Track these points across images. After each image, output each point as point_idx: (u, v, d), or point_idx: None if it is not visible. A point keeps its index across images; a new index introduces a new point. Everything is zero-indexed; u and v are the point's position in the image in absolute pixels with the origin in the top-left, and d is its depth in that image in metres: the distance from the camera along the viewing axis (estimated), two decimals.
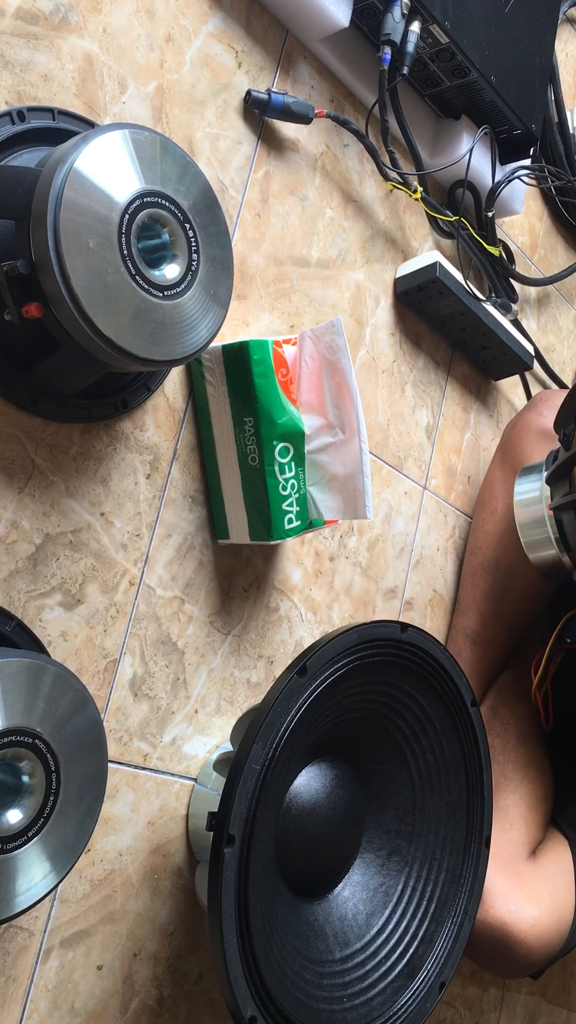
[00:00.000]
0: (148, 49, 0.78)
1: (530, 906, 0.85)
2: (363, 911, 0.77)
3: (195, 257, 0.65)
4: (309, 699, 0.67)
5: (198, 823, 0.79)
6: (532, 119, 1.03)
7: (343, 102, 0.95)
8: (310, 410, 0.81)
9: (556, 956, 0.89)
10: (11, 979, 0.70)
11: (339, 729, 0.76)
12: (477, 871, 0.81)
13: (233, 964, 0.61)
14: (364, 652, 0.72)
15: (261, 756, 0.63)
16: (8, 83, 0.69)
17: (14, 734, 0.56)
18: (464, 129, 1.02)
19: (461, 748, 0.81)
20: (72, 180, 0.58)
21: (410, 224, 1.03)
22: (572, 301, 1.33)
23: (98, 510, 0.75)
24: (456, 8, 0.91)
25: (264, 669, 0.88)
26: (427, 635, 0.77)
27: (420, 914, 0.78)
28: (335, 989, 0.72)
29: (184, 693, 0.81)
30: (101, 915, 0.74)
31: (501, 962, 0.85)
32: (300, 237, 0.91)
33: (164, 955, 0.79)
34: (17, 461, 0.70)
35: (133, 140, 0.61)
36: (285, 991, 0.65)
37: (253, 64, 0.86)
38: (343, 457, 0.79)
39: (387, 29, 0.88)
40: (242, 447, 0.79)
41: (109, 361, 0.63)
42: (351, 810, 0.78)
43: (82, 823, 0.60)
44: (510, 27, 0.98)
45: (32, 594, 0.70)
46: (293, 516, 0.80)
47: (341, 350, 0.78)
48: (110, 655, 0.75)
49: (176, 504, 0.80)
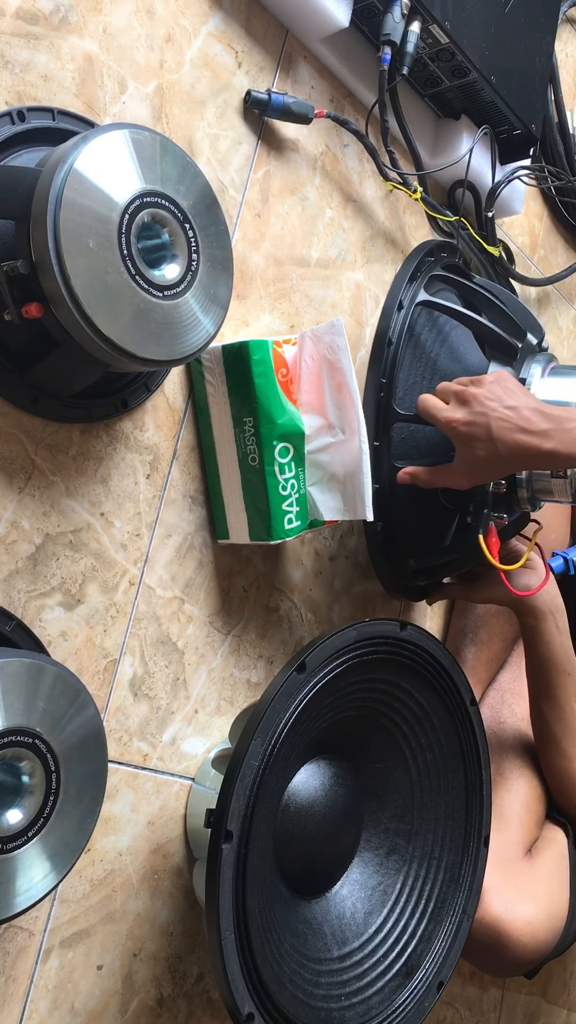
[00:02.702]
0: (148, 49, 0.78)
1: (525, 905, 0.85)
2: (361, 909, 0.77)
3: (195, 257, 0.65)
4: (308, 696, 0.67)
5: (196, 821, 0.79)
6: (532, 119, 1.03)
7: (343, 102, 0.95)
8: (310, 410, 0.81)
9: (551, 955, 0.89)
10: (11, 979, 0.70)
11: (338, 727, 0.76)
12: (476, 870, 0.81)
13: (231, 961, 0.61)
14: (363, 649, 0.72)
15: (260, 752, 0.63)
16: (8, 83, 0.69)
17: (14, 734, 0.56)
18: (464, 129, 1.02)
19: (460, 747, 0.81)
20: (72, 180, 0.58)
21: (410, 224, 1.03)
22: (572, 301, 1.34)
23: (98, 510, 0.75)
24: (456, 8, 0.91)
25: (264, 669, 0.88)
26: (426, 633, 0.77)
27: (419, 913, 0.78)
28: (333, 987, 0.72)
29: (184, 693, 0.81)
30: (101, 915, 0.75)
31: (496, 961, 0.85)
32: (300, 237, 0.91)
33: (164, 955, 0.79)
34: (17, 461, 0.70)
35: (133, 140, 0.61)
36: (283, 989, 0.65)
37: (253, 64, 0.86)
38: (343, 457, 0.79)
39: (387, 29, 0.88)
40: (242, 447, 0.79)
41: (109, 361, 0.63)
42: (350, 808, 0.79)
43: (82, 823, 0.60)
44: (510, 27, 0.98)
45: (32, 594, 0.71)
46: (293, 516, 0.80)
47: (341, 350, 0.78)
48: (110, 655, 0.75)
49: (176, 504, 0.80)
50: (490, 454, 0.76)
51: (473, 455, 0.77)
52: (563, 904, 0.90)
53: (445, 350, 0.87)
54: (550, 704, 0.92)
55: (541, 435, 0.74)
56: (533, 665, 0.92)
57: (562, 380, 0.83)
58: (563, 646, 0.91)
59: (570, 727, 0.92)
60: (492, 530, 0.83)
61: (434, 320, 0.87)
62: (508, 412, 0.75)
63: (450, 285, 0.90)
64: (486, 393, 0.76)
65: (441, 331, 0.87)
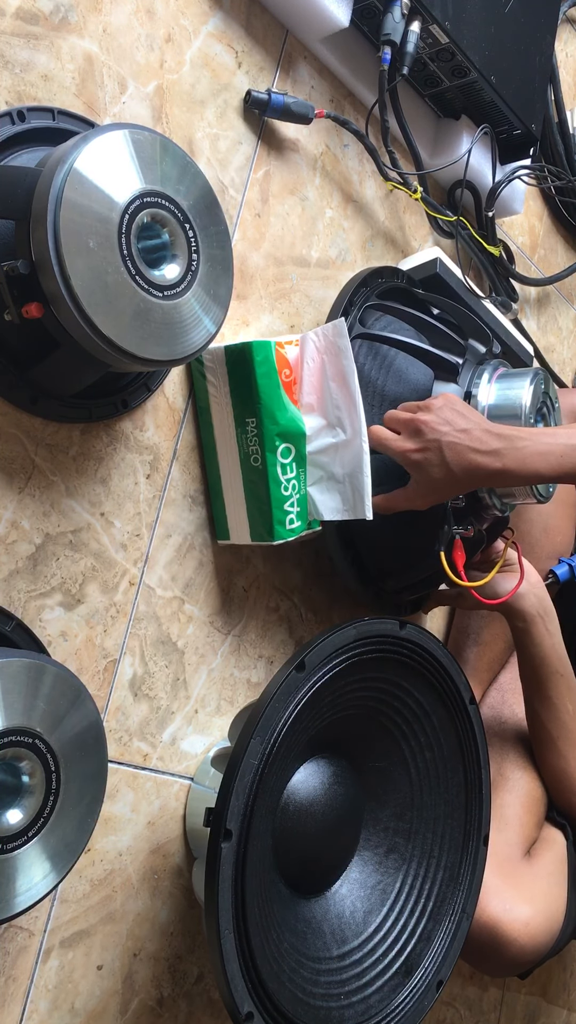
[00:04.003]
0: (148, 49, 0.78)
1: (524, 906, 0.85)
2: (361, 909, 0.78)
3: (195, 257, 0.65)
4: (307, 694, 0.67)
5: (195, 820, 0.79)
6: (532, 119, 1.03)
7: (343, 102, 0.95)
8: (311, 411, 0.81)
9: (546, 956, 0.89)
10: (11, 979, 0.70)
11: (337, 725, 0.76)
12: (475, 869, 0.81)
13: (230, 960, 0.61)
14: (362, 648, 0.72)
15: (259, 751, 0.63)
16: (8, 83, 0.69)
17: (14, 734, 0.56)
18: (464, 129, 1.03)
19: (459, 746, 0.81)
20: (72, 180, 0.58)
21: (410, 224, 1.04)
22: (572, 301, 1.34)
23: (98, 510, 0.75)
24: (456, 8, 0.91)
25: (264, 669, 0.88)
26: (425, 632, 0.77)
27: (418, 912, 0.78)
28: (332, 986, 0.72)
29: (184, 693, 0.81)
30: (101, 915, 0.75)
31: (493, 961, 0.85)
32: (300, 237, 0.91)
33: (164, 955, 0.79)
34: (17, 461, 0.70)
35: (133, 140, 0.62)
36: (282, 988, 0.65)
37: (253, 64, 0.86)
38: (344, 457, 0.79)
39: (387, 29, 0.88)
40: (244, 448, 0.79)
41: (109, 361, 0.63)
42: (349, 807, 0.79)
43: (82, 823, 0.60)
44: (510, 27, 0.98)
45: (32, 594, 0.71)
46: (294, 516, 0.80)
47: (344, 351, 0.78)
48: (110, 655, 0.76)
49: (176, 504, 0.80)
50: (445, 476, 0.78)
51: (428, 478, 0.79)
52: (561, 906, 0.90)
53: (391, 376, 0.88)
54: (544, 705, 0.93)
55: (493, 454, 0.77)
56: (526, 667, 0.93)
57: (507, 384, 0.84)
58: (554, 648, 0.92)
59: (565, 727, 0.93)
60: (457, 544, 0.83)
61: (376, 349, 0.88)
62: (460, 435, 0.77)
63: (385, 312, 0.90)
64: (436, 420, 0.78)
65: (385, 358, 0.88)
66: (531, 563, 1.03)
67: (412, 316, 0.89)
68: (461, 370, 0.85)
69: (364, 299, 0.90)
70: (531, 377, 0.84)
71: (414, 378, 0.89)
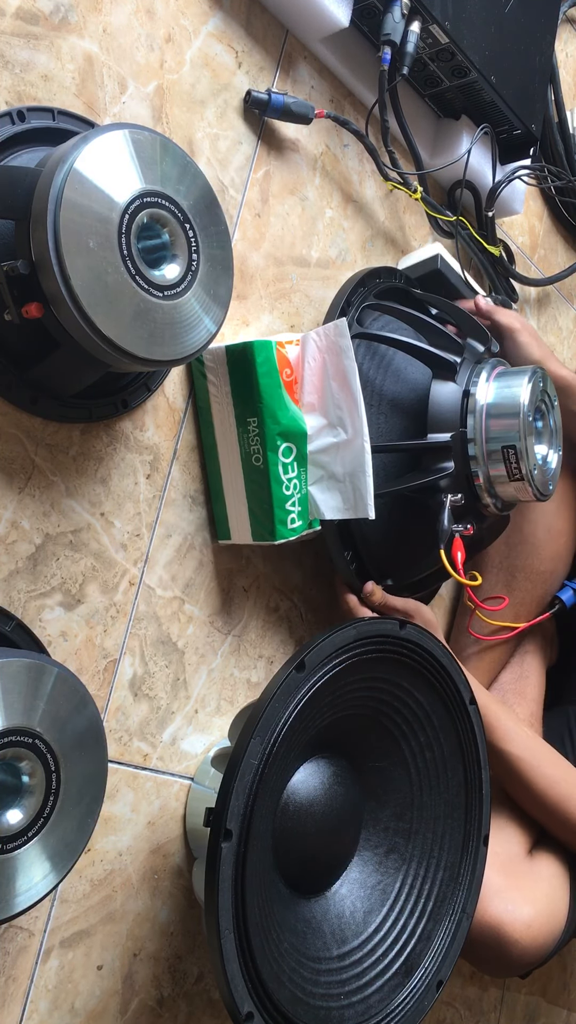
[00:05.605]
0: (148, 49, 0.78)
1: (526, 906, 0.85)
2: (361, 908, 0.77)
3: (195, 257, 0.65)
4: (307, 694, 0.67)
5: (195, 820, 0.79)
6: (532, 119, 1.03)
7: (343, 102, 0.95)
8: (312, 410, 0.81)
9: (547, 956, 0.89)
10: (11, 979, 0.70)
11: (337, 726, 0.76)
12: (475, 869, 0.81)
13: (230, 960, 0.61)
14: (362, 648, 0.72)
15: (259, 751, 0.63)
16: (8, 83, 0.69)
17: (14, 734, 0.56)
18: (464, 129, 1.03)
19: (459, 745, 0.81)
20: (72, 180, 0.58)
21: (410, 224, 1.04)
22: (572, 301, 1.34)
23: (98, 510, 0.75)
24: (456, 8, 0.91)
25: (264, 669, 0.88)
26: (425, 632, 0.77)
27: (418, 912, 0.78)
28: (332, 986, 0.72)
29: (184, 693, 0.81)
30: (101, 915, 0.75)
31: (494, 961, 0.85)
32: (300, 237, 0.91)
33: (164, 955, 0.79)
34: (17, 461, 0.70)
35: (133, 140, 0.62)
36: (282, 988, 0.65)
37: (253, 64, 0.86)
38: (345, 456, 0.79)
39: (387, 29, 0.88)
40: (245, 447, 0.79)
41: (109, 361, 0.63)
42: (349, 807, 0.79)
43: (82, 823, 0.60)
44: (510, 27, 0.98)
45: (32, 594, 0.71)
46: (295, 516, 0.80)
47: (345, 351, 0.78)
48: (110, 655, 0.76)
49: (176, 504, 0.80)
50: None
51: None
52: (563, 907, 0.90)
53: (390, 375, 0.88)
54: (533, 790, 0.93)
55: None
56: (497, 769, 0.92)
57: (506, 382, 0.85)
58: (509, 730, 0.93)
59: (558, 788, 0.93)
60: (457, 543, 0.84)
61: (374, 348, 0.88)
62: None
63: (383, 312, 0.90)
64: None
65: (384, 357, 0.88)
66: (536, 564, 1.04)
67: (410, 316, 0.89)
68: (459, 369, 0.85)
69: (362, 299, 0.90)
70: (529, 375, 0.84)
71: (412, 377, 0.89)
